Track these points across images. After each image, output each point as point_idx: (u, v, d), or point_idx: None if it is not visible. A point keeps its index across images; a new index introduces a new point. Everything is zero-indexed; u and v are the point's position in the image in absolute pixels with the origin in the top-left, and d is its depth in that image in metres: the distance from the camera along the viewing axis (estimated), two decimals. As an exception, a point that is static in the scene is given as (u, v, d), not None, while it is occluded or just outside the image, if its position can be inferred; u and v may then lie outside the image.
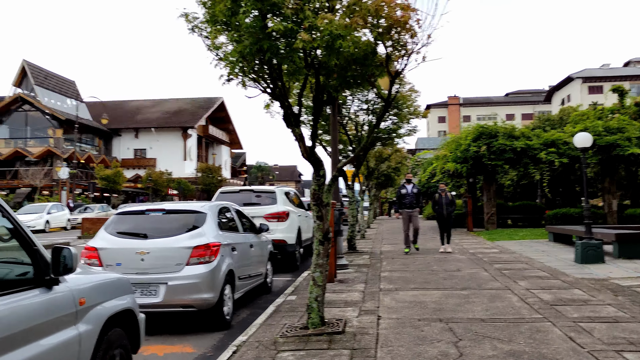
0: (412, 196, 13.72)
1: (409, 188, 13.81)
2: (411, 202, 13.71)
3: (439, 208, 14.21)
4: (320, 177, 6.23)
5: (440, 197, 14.20)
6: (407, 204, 13.71)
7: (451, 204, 14.22)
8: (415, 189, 13.84)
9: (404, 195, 13.77)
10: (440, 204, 14.16)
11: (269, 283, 9.84)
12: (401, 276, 10.32)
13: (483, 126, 21.47)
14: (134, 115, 61.12)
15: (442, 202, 14.12)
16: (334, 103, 11.58)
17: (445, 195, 14.21)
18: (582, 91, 75.25)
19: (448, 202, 14.16)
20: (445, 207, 14.09)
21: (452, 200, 14.33)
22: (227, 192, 12.64)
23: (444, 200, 14.11)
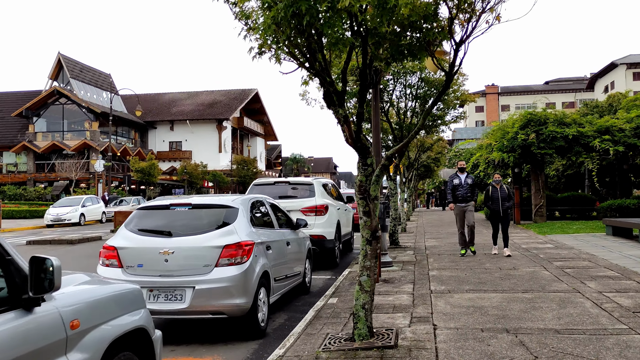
0: (466, 188, 11.77)
1: (462, 178, 11.85)
2: (465, 195, 11.77)
3: (493, 204, 11.77)
4: (367, 167, 5.37)
5: (495, 190, 11.70)
6: (460, 197, 11.81)
7: (508, 198, 11.71)
8: (469, 179, 11.88)
9: (456, 186, 11.83)
10: (494, 198, 11.69)
11: (308, 283, 9.05)
12: (452, 275, 9.38)
13: (532, 113, 20.21)
14: (168, 108, 61.16)
15: (498, 195, 11.62)
16: (376, 87, 10.67)
17: (501, 187, 11.73)
18: (627, 77, 72.49)
19: (505, 196, 11.65)
20: (501, 203, 11.62)
21: (510, 194, 11.76)
22: (261, 184, 11.86)
23: (500, 193, 11.63)
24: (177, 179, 49.90)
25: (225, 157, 59.01)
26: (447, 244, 14.50)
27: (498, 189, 11.70)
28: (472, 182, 11.92)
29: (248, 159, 60.39)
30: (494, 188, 11.79)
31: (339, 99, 4.97)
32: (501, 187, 11.73)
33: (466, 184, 11.82)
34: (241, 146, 66.99)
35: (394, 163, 14.49)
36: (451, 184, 11.96)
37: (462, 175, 11.92)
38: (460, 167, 12.20)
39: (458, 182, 11.84)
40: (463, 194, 11.78)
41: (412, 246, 14.35)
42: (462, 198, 11.78)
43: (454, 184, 11.89)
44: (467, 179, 11.85)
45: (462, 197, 11.78)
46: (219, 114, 58.99)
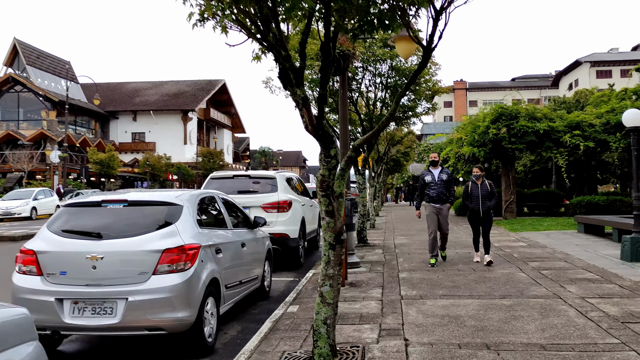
0: (440, 185, 9.84)
1: (435, 174, 9.90)
2: (439, 194, 9.83)
3: (472, 202, 9.92)
4: (330, 159, 4.59)
5: (475, 186, 9.86)
6: (434, 196, 9.84)
7: (490, 196, 9.89)
8: (444, 174, 9.91)
9: (429, 183, 9.89)
10: (474, 196, 9.87)
11: (267, 287, 8.24)
12: (424, 278, 8.70)
13: (503, 107, 19.74)
14: (131, 98, 59.39)
15: (478, 193, 9.82)
16: (344, 74, 9.89)
17: (482, 183, 9.87)
18: (591, 75, 73.78)
19: (486, 194, 9.84)
20: (481, 201, 9.81)
21: (492, 191, 9.92)
22: (219, 177, 10.97)
23: (481, 190, 9.81)
24: (139, 171, 48.37)
25: (191, 149, 57.64)
26: (417, 242, 13.86)
27: (479, 185, 9.85)
28: (448, 177, 9.95)
29: (214, 151, 59.13)
30: (473, 184, 9.92)
31: (297, 77, 4.17)
32: (482, 183, 9.87)
33: (440, 180, 9.85)
34: (207, 138, 65.58)
35: (363, 156, 13.76)
36: (421, 182, 10.04)
37: (435, 170, 9.95)
38: (433, 160, 10.12)
39: (430, 179, 9.86)
40: (437, 193, 9.84)
41: (381, 244, 13.66)
42: (437, 197, 9.86)
43: (425, 181, 9.94)
44: (441, 175, 9.89)
45: (436, 197, 9.85)
46: (185, 105, 57.54)
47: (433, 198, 9.88)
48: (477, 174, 9.95)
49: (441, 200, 9.87)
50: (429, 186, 9.91)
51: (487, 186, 9.90)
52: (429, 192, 9.90)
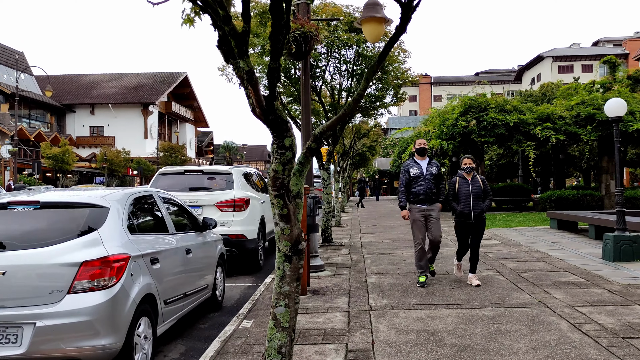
0: (429, 181, 7.67)
1: (423, 166, 7.74)
2: (428, 192, 7.64)
3: (461, 203, 7.59)
4: (285, 150, 3.70)
5: (465, 182, 7.61)
6: (421, 194, 7.64)
7: (484, 196, 7.65)
8: (434, 166, 7.79)
9: (415, 178, 7.69)
10: (463, 195, 7.58)
11: (219, 296, 7.30)
12: (394, 283, 7.88)
13: (472, 99, 19.14)
14: (89, 91, 57.17)
15: (468, 191, 7.55)
16: (306, 58, 8.99)
17: (474, 179, 7.65)
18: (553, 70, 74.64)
19: (479, 192, 7.58)
20: (473, 203, 7.53)
21: (486, 189, 7.67)
22: (169, 173, 9.95)
23: (472, 187, 7.56)
24: (97, 166, 46.53)
25: (152, 144, 55.84)
26: (385, 240, 13.09)
27: (469, 181, 7.60)
28: (438, 171, 7.79)
29: (176, 145, 57.47)
30: (462, 180, 7.65)
31: (240, 44, 3.26)
32: (474, 179, 7.63)
33: (429, 174, 7.68)
34: (169, 132, 63.78)
35: (328, 150, 12.89)
36: (406, 175, 7.77)
37: (423, 161, 7.79)
38: (420, 147, 7.84)
39: (417, 173, 7.67)
40: (425, 191, 7.63)
41: (347, 243, 12.84)
42: (425, 196, 7.65)
43: (410, 175, 7.72)
44: (430, 167, 7.73)
45: (423, 195, 7.65)
46: (145, 98, 55.67)
47: (420, 197, 7.63)
48: (468, 166, 7.64)
49: (430, 199, 7.66)
50: (416, 182, 7.68)
51: (480, 182, 7.64)
52: (414, 189, 7.68)
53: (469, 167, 7.66)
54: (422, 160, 7.83)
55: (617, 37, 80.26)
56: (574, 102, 19.61)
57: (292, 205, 3.88)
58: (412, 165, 7.81)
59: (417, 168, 7.75)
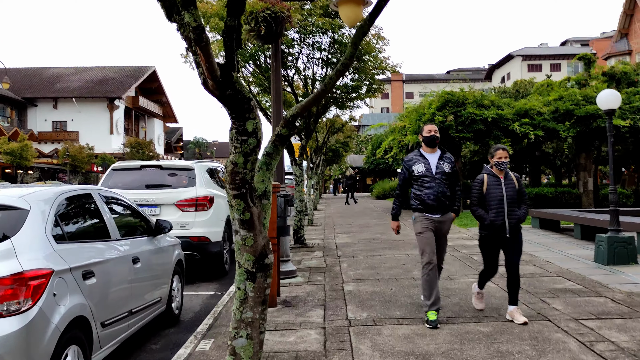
0: (441, 181, 5.69)
1: (432, 161, 5.76)
2: (440, 196, 5.66)
3: (493, 211, 5.58)
4: (247, 136, 2.85)
5: (496, 182, 5.61)
6: (430, 200, 5.67)
7: (519, 199, 5.66)
8: (446, 162, 5.77)
9: (420, 177, 5.72)
10: (495, 198, 5.58)
11: (176, 309, 6.40)
12: (375, 291, 7.07)
13: (449, 93, 18.46)
14: (52, 84, 55.12)
15: (502, 193, 5.57)
16: (277, 42, 8.11)
17: (507, 177, 5.65)
18: (522, 69, 75.17)
19: (513, 195, 5.61)
20: (507, 209, 5.56)
21: (522, 190, 5.68)
22: (123, 169, 8.95)
23: (506, 190, 5.57)
24: (59, 162, 44.76)
25: (118, 139, 54.16)
26: (361, 241, 12.30)
27: (502, 180, 5.57)
28: (453, 168, 5.77)
29: (144, 141, 55.82)
30: (493, 179, 5.60)
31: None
32: (507, 178, 5.60)
33: (440, 173, 5.67)
34: (137, 128, 62.00)
35: (301, 144, 12.02)
36: (405, 173, 5.81)
37: (432, 155, 5.76)
38: (429, 136, 5.73)
39: (424, 170, 5.67)
40: (436, 195, 5.62)
41: (321, 244, 12.00)
42: (436, 203, 5.63)
43: (414, 173, 5.70)
44: (441, 163, 5.71)
45: (434, 202, 5.63)
46: (111, 92, 53.88)
47: (428, 204, 5.62)
48: (503, 160, 5.55)
49: (442, 206, 5.65)
50: (420, 182, 5.68)
51: (515, 182, 5.62)
52: (421, 192, 5.67)
53: (503, 163, 5.55)
54: (431, 154, 5.73)
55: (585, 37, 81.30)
56: (551, 98, 19.12)
57: (257, 208, 3.03)
58: (416, 160, 5.72)
59: (423, 164, 5.66)
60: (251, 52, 10.17)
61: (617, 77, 23.32)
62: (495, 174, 5.65)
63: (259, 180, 3.15)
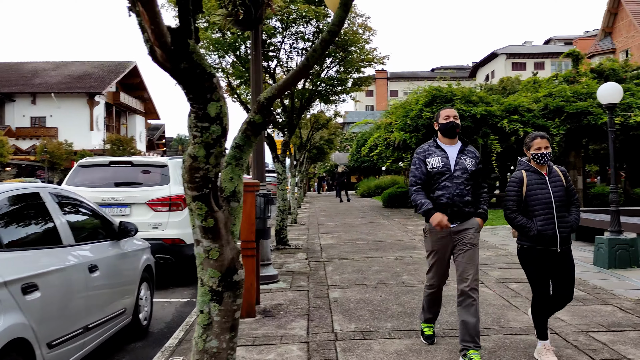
0: (460, 180, 4.41)
1: (451, 153, 4.48)
2: (459, 199, 4.40)
3: (537, 216, 4.26)
4: (209, 123, 2.27)
5: (540, 180, 4.31)
6: (446, 202, 4.41)
7: (568, 200, 4.38)
8: (470, 156, 4.49)
9: (436, 175, 4.45)
10: (539, 202, 4.27)
11: (144, 320, 5.79)
12: (363, 298, 6.52)
13: (437, 89, 17.98)
14: (30, 79, 53.91)
15: (549, 195, 4.27)
16: (257, 28, 7.51)
17: (552, 172, 4.38)
18: (506, 67, 75.22)
19: (561, 195, 4.31)
20: (557, 214, 4.25)
21: (572, 189, 4.41)
22: (90, 165, 8.27)
23: (552, 189, 4.29)
24: (36, 159, 43.68)
25: (98, 136, 53.11)
26: (347, 242, 11.74)
27: (545, 177, 4.34)
28: (477, 164, 4.53)
29: (125, 138, 54.90)
30: (534, 176, 4.35)
31: None
32: (551, 173, 4.39)
33: (461, 169, 4.44)
34: (118, 124, 60.90)
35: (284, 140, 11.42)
36: (421, 167, 4.50)
37: (452, 147, 4.54)
38: (447, 123, 4.48)
39: (440, 165, 4.44)
40: (454, 197, 4.41)
41: (305, 245, 11.43)
42: (452, 207, 4.41)
43: (428, 168, 4.47)
44: (463, 158, 4.48)
45: (450, 205, 4.40)
46: (91, 88, 52.83)
47: (443, 208, 4.38)
48: (543, 152, 4.32)
49: (461, 212, 4.40)
50: (435, 181, 4.45)
51: (561, 178, 4.38)
52: (434, 194, 4.44)
53: (544, 155, 4.29)
54: (449, 145, 4.47)
55: (568, 36, 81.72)
56: (541, 94, 18.73)
57: (223, 213, 2.45)
58: (431, 151, 4.47)
59: (439, 157, 4.41)
60: (230, 41, 9.56)
61: (605, 74, 23.03)
62: (537, 169, 4.31)
63: (227, 178, 2.57)
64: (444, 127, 4.52)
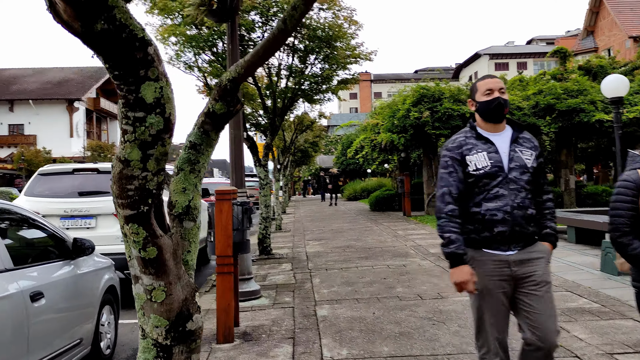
0: (518, 185, 2.92)
1: (501, 145, 2.97)
2: (520, 214, 2.89)
3: None
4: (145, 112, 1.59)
5: None
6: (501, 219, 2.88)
7: None
8: (528, 148, 3.02)
9: (483, 176, 2.91)
10: None
11: (106, 349, 5.07)
12: (354, 317, 5.86)
13: (425, 87, 17.42)
14: (8, 86, 52.68)
15: None
16: (233, 19, 6.83)
17: None
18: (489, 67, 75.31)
19: None
20: None
21: None
22: (51, 173, 7.51)
23: None
24: (13, 167, 42.53)
25: (78, 143, 51.93)
26: (335, 250, 11.08)
27: None
28: (537, 157, 3.05)
29: (105, 144, 53.75)
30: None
31: None
32: None
33: (519, 166, 2.94)
34: (99, 130, 59.73)
35: (266, 142, 10.71)
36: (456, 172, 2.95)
37: (499, 135, 3.02)
38: (490, 100, 2.97)
39: (488, 164, 2.91)
40: (514, 208, 2.89)
41: (290, 254, 10.75)
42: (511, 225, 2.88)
43: (470, 171, 2.93)
44: (519, 150, 2.99)
45: (507, 223, 2.88)
46: (70, 94, 51.68)
47: (496, 228, 2.89)
48: None
49: (523, 234, 2.92)
50: (483, 187, 2.93)
51: None
52: (479, 207, 2.93)
53: None
54: (496, 134, 3.03)
55: (550, 36, 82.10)
56: (530, 92, 18.25)
57: (171, 238, 1.78)
58: (471, 145, 3.01)
59: (484, 153, 2.96)
60: (206, 36, 8.87)
61: (593, 71, 22.72)
62: None
63: (178, 189, 1.91)
64: (485, 107, 2.98)
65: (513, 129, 3.09)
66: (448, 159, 3.00)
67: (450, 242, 2.89)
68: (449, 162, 2.99)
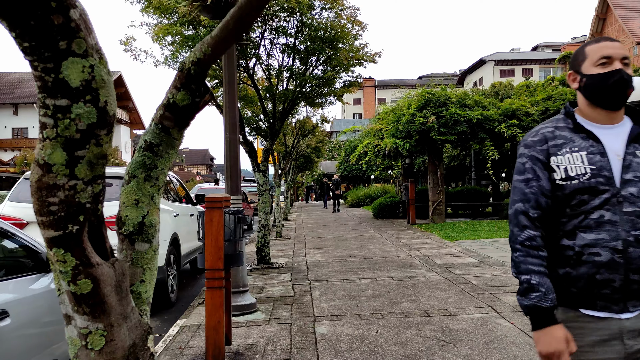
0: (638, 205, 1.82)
1: (608, 144, 1.87)
2: None
3: None
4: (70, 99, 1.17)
5: None
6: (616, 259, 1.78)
7: None
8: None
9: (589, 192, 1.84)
10: None
11: (85, 370, 4.64)
12: (356, 335, 5.42)
13: (430, 92, 17.01)
14: (12, 89, 52.63)
15: None
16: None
17: None
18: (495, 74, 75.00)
19: None
20: None
21: None
22: (36, 177, 7.19)
23: None
24: (16, 171, 42.31)
25: (81, 147, 51.80)
26: (336, 259, 10.65)
27: None
28: None
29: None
30: None
31: None
32: None
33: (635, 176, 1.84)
34: (101, 135, 59.63)
35: (265, 147, 10.29)
36: (537, 178, 1.91)
37: (611, 128, 1.92)
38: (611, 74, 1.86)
39: (590, 170, 1.85)
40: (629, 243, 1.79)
41: (289, 264, 10.32)
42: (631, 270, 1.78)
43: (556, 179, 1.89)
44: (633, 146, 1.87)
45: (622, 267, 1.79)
46: (73, 97, 51.60)
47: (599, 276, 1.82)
48: None
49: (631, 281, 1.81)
50: (578, 206, 1.87)
51: None
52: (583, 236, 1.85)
53: None
54: (605, 126, 1.93)
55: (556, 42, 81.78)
56: (539, 98, 17.82)
57: (113, 267, 1.36)
58: (562, 139, 1.94)
59: (583, 153, 1.90)
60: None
61: (603, 77, 22.27)
62: None
63: (129, 201, 1.51)
64: (599, 84, 1.91)
65: (634, 122, 1.96)
66: (526, 160, 1.96)
67: (530, 288, 1.86)
68: (527, 163, 1.95)
